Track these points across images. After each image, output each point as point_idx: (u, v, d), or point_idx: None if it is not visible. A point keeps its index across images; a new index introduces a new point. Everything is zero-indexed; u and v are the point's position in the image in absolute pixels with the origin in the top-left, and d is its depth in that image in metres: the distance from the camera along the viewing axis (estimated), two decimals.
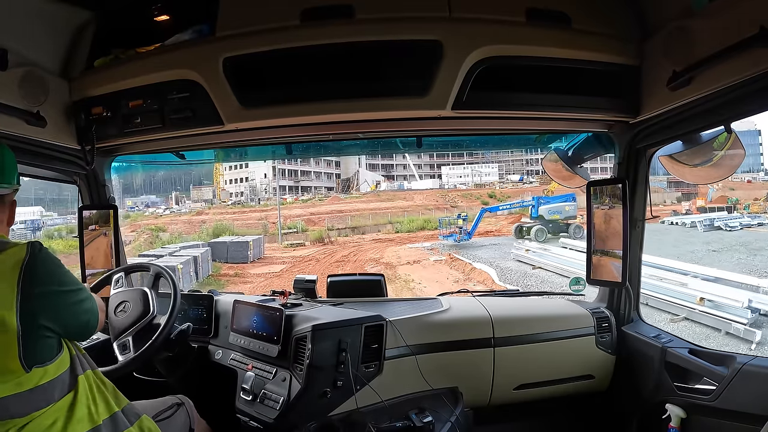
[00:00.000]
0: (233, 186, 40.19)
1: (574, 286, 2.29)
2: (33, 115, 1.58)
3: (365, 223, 29.44)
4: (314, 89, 1.60)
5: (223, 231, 25.39)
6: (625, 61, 1.61)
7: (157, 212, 33.85)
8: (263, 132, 1.84)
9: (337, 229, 27.87)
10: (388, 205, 33.27)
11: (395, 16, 1.52)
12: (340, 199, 36.36)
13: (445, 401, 1.83)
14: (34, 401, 1.01)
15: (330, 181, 44.33)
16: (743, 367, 1.52)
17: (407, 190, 39.72)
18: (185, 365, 1.85)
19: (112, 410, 1.16)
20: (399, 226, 28.77)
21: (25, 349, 0.99)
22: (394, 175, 47.37)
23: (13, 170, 1.21)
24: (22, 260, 1.02)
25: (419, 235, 26.12)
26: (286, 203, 34.56)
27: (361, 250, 21.90)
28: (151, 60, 1.66)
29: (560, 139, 2.26)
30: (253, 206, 34.38)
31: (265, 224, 28.09)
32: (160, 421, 1.39)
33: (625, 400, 2.00)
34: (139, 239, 23.90)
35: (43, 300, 1.03)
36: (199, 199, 38.39)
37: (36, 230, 24.06)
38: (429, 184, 42.17)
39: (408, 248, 21.76)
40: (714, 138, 1.60)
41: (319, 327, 1.67)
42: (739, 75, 1.26)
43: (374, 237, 26.52)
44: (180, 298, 1.75)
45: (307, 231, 27.13)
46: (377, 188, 41.30)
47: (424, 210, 32.29)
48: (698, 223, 21.40)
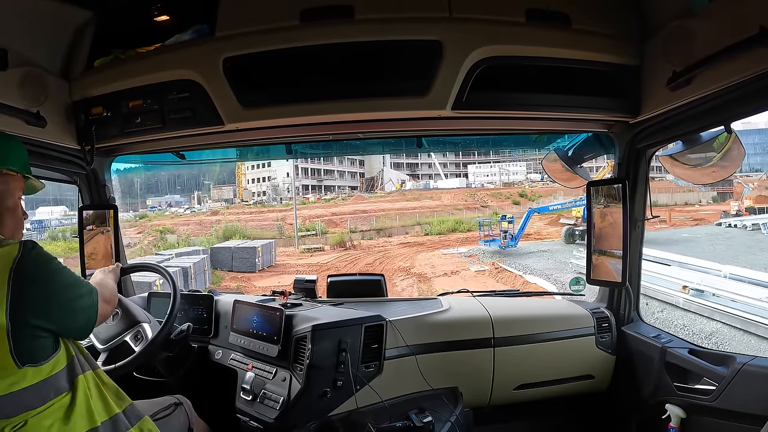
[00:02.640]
0: (255, 185, 39.55)
1: (574, 286, 2.29)
2: (33, 115, 1.58)
3: (391, 225, 27.21)
4: (314, 89, 1.60)
5: (234, 233, 23.37)
6: (625, 61, 1.60)
7: (177, 212, 33.21)
8: (263, 132, 1.84)
9: (360, 231, 25.55)
10: (415, 204, 31.56)
11: (395, 17, 1.52)
12: (364, 199, 34.97)
13: (445, 401, 1.83)
14: (28, 401, 1.01)
15: (354, 180, 43.49)
16: (743, 367, 1.52)
17: (433, 190, 38.60)
18: (185, 365, 1.85)
19: (113, 412, 1.15)
20: (428, 227, 26.47)
21: (16, 347, 0.98)
22: (419, 174, 46.44)
23: (8, 154, 1.18)
24: (14, 259, 1.02)
25: (451, 238, 23.67)
26: (308, 203, 33.11)
27: (388, 257, 19.41)
28: (151, 60, 1.66)
29: (560, 139, 2.26)
30: (275, 206, 33.29)
31: (280, 226, 25.93)
32: (158, 420, 1.38)
33: (625, 400, 2.00)
34: (144, 242, 22.64)
35: (34, 299, 1.02)
36: (219, 199, 37.92)
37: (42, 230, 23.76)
38: (455, 183, 41.18)
39: (442, 254, 19.15)
40: (714, 138, 1.60)
41: (319, 327, 1.67)
42: (739, 75, 1.26)
43: (402, 240, 24.10)
44: (179, 298, 1.75)
45: (327, 233, 24.80)
46: (402, 187, 40.20)
47: (453, 210, 30.54)
48: (762, 225, 19.28)
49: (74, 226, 2.28)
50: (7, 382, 0.99)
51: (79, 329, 1.15)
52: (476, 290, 2.33)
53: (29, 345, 1.01)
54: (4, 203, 1.17)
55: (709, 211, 26.42)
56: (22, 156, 1.22)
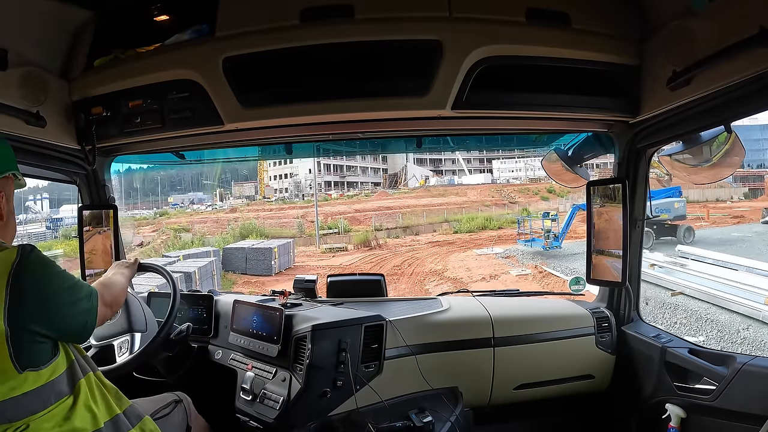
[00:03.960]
0: (277, 182, 38.94)
1: (574, 286, 2.29)
2: (33, 115, 1.58)
3: (418, 222, 25.59)
4: (314, 89, 1.60)
5: (251, 231, 21.91)
6: (625, 61, 1.60)
7: (199, 209, 32.51)
8: (263, 132, 1.84)
9: (386, 229, 23.96)
10: (441, 201, 30.13)
11: (395, 16, 1.52)
12: (388, 195, 33.48)
13: (445, 401, 1.83)
14: (30, 405, 1.00)
15: (377, 177, 42.44)
16: (743, 367, 1.52)
17: (458, 186, 37.57)
18: (185, 365, 1.85)
19: (114, 413, 1.15)
20: (457, 225, 24.77)
21: (16, 352, 0.98)
22: (443, 170, 45.25)
23: (10, 157, 1.17)
24: (12, 264, 1.01)
25: (483, 236, 21.99)
26: (330, 199, 31.95)
27: (417, 258, 17.53)
28: (151, 60, 1.66)
29: (560, 139, 2.26)
30: (296, 202, 32.40)
31: (301, 224, 24.44)
32: (158, 419, 1.38)
33: (625, 400, 2.00)
34: (157, 241, 21.48)
35: (32, 304, 1.01)
36: (241, 195, 37.35)
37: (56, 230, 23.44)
38: (480, 179, 40.28)
39: (476, 255, 17.33)
40: (714, 138, 1.60)
41: (319, 327, 1.67)
42: (739, 75, 1.26)
43: (430, 239, 22.38)
44: (179, 299, 1.75)
45: (350, 231, 23.19)
46: (426, 183, 39.15)
47: (481, 206, 28.89)
48: None
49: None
50: (8, 386, 0.98)
51: (77, 334, 1.14)
52: (476, 290, 2.34)
53: (28, 350, 1.01)
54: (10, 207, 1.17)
55: (745, 208, 25.03)
56: (14, 157, 1.22)
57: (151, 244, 20.63)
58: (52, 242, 20.74)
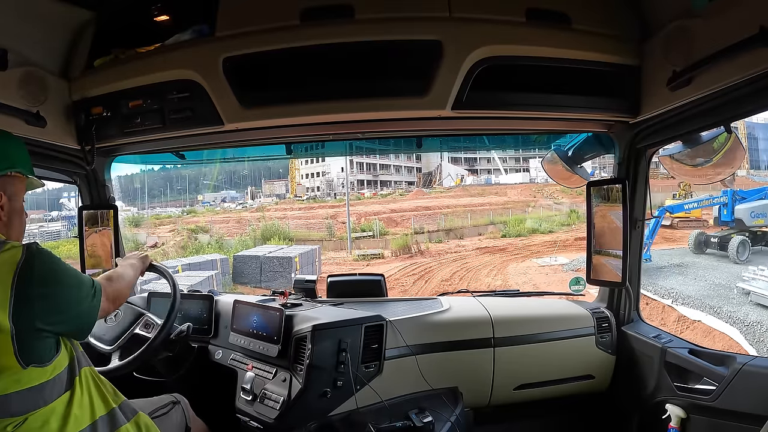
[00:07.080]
0: (308, 180, 38.01)
1: (574, 286, 2.29)
2: (33, 115, 1.58)
3: (461, 224, 23.05)
4: (314, 89, 1.60)
5: (273, 234, 19.70)
6: (625, 61, 1.60)
7: (230, 207, 31.48)
8: (263, 132, 1.84)
9: (427, 232, 21.46)
10: (481, 200, 27.82)
11: (395, 16, 1.52)
12: (424, 194, 31.19)
13: (445, 401, 1.83)
14: (33, 400, 1.02)
15: (410, 176, 40.97)
16: (743, 368, 1.52)
17: (495, 185, 35.89)
18: (185, 365, 1.85)
19: (110, 407, 1.16)
20: (505, 228, 22.09)
21: (20, 349, 0.99)
22: (477, 169, 43.36)
23: (17, 155, 1.17)
24: (18, 262, 1.01)
25: (535, 241, 19.19)
26: (363, 198, 30.08)
27: (468, 269, 14.99)
28: (151, 60, 1.66)
29: (560, 139, 2.26)
30: (327, 201, 30.82)
31: (330, 225, 21.74)
32: (155, 418, 1.39)
33: (625, 401, 2.00)
34: (169, 242, 19.61)
35: (37, 302, 1.02)
36: (271, 194, 36.57)
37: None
38: (518, 178, 38.35)
39: (538, 266, 14.71)
40: (714, 138, 1.60)
41: (319, 327, 1.67)
42: (739, 75, 1.26)
43: (477, 244, 19.68)
44: (179, 298, 1.75)
45: (386, 234, 20.55)
46: (462, 182, 37.64)
47: (526, 207, 26.31)
48: None
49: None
50: (12, 380, 0.99)
51: (80, 331, 1.15)
52: (476, 290, 2.34)
53: (33, 346, 1.02)
54: (15, 205, 1.17)
55: None
56: (27, 156, 1.22)
57: (162, 247, 18.73)
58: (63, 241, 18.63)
